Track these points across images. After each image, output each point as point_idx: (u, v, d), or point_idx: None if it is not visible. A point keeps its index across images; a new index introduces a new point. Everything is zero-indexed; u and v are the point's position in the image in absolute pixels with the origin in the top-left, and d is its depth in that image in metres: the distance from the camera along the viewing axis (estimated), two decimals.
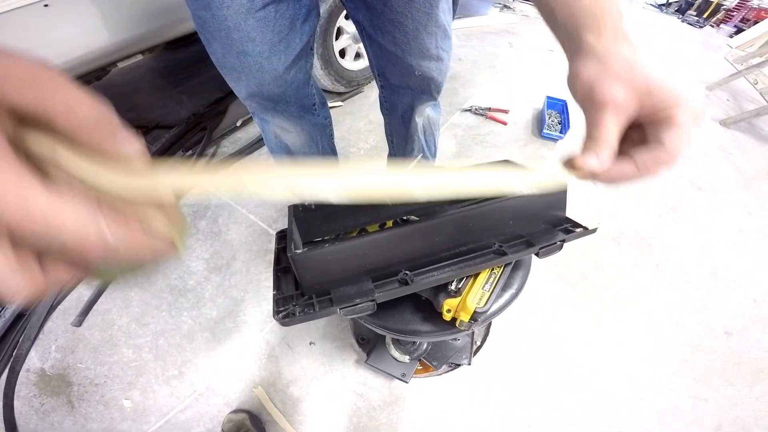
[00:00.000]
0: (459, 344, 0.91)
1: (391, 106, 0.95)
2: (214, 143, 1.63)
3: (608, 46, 0.32)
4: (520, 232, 0.43)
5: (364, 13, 0.71)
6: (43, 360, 0.98)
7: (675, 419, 0.94)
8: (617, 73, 0.31)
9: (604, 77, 0.31)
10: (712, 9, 4.01)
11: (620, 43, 0.32)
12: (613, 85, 0.30)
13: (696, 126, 0.30)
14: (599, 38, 0.32)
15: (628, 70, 0.31)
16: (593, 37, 0.32)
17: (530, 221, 0.40)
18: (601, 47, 0.32)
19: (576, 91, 0.34)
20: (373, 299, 0.34)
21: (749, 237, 1.41)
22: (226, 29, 0.60)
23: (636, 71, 0.30)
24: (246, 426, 0.86)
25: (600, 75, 0.31)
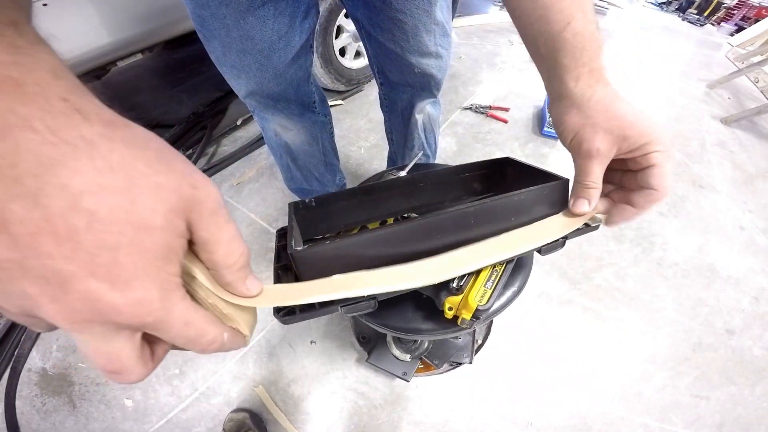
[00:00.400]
0: (460, 343, 0.91)
1: (391, 104, 0.95)
2: (214, 142, 1.63)
3: (586, 91, 0.36)
4: None
5: (363, 11, 0.71)
6: (44, 359, 0.98)
7: (676, 417, 0.94)
8: (598, 123, 0.35)
9: (588, 129, 0.36)
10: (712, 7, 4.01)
11: (596, 86, 0.36)
12: (596, 138, 0.35)
13: (670, 158, 0.36)
14: (577, 83, 0.36)
15: (607, 117, 0.35)
16: (572, 82, 0.37)
17: (532, 218, 0.40)
18: (579, 93, 0.36)
19: (563, 138, 0.39)
20: (374, 297, 0.33)
21: (751, 235, 1.41)
22: (226, 27, 0.59)
23: (613, 118, 0.35)
24: (247, 425, 0.86)
25: (584, 127, 0.36)
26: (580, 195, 0.38)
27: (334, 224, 0.49)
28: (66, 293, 0.15)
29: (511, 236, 0.39)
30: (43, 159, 0.14)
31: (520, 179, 0.38)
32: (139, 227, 0.16)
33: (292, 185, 1.09)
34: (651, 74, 2.51)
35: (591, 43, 0.36)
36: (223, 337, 0.22)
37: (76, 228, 0.14)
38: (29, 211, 0.14)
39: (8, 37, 0.15)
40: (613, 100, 0.36)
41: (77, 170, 0.14)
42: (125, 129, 0.17)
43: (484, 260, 0.36)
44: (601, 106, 0.35)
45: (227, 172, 1.49)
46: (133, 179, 0.16)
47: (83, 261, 0.15)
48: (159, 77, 2.10)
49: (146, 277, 0.16)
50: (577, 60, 0.36)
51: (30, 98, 0.14)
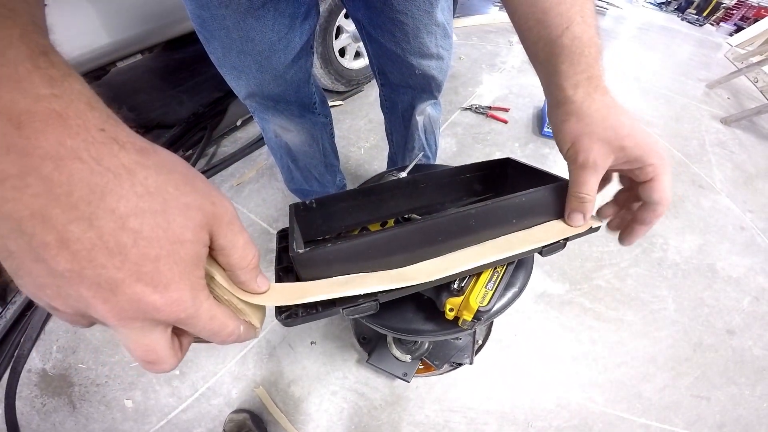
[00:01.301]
0: (461, 343, 0.91)
1: (392, 105, 0.95)
2: (214, 143, 1.63)
3: (585, 100, 0.36)
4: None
5: (364, 12, 0.71)
6: (44, 360, 0.98)
7: (677, 418, 0.94)
8: (595, 132, 0.35)
9: (585, 139, 0.35)
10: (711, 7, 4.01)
11: (595, 95, 0.36)
12: (593, 148, 0.35)
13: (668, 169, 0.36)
14: (576, 90, 0.36)
15: (604, 127, 0.35)
16: (571, 90, 0.36)
17: (533, 219, 0.40)
18: (578, 102, 0.36)
19: (560, 146, 0.39)
20: (375, 299, 0.33)
21: (751, 235, 1.41)
22: (226, 28, 0.59)
23: (610, 128, 0.35)
24: (247, 426, 0.85)
25: (581, 136, 0.36)
26: (574, 208, 0.38)
27: (334, 225, 0.49)
28: (116, 295, 0.18)
29: (512, 237, 0.39)
30: (93, 187, 0.17)
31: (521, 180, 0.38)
32: (174, 241, 0.19)
33: (292, 186, 1.09)
34: (650, 74, 2.51)
35: (590, 49, 0.35)
36: (239, 329, 0.25)
37: (125, 244, 0.18)
38: (85, 231, 0.17)
39: (43, 69, 0.17)
40: (611, 109, 0.35)
41: (122, 196, 0.17)
42: (155, 155, 0.20)
43: (484, 261, 0.37)
44: (599, 116, 0.35)
45: (227, 173, 1.49)
46: (167, 201, 0.19)
47: (130, 270, 0.18)
48: (159, 78, 2.10)
49: (180, 281, 0.20)
50: (576, 66, 0.36)
51: (74, 131, 0.16)
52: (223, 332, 0.24)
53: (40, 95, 0.16)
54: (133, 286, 0.18)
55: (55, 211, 0.16)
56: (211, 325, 0.22)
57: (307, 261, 0.32)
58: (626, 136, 0.34)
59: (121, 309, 0.18)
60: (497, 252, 0.37)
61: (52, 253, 0.16)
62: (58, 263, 0.17)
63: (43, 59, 0.17)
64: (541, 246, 0.38)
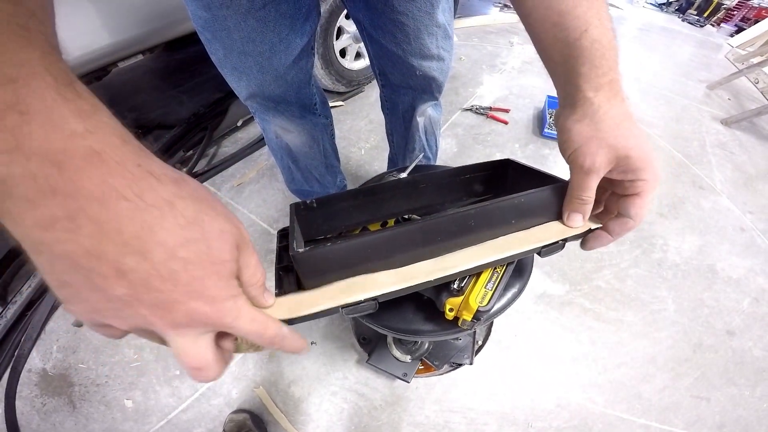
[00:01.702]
0: (460, 344, 0.91)
1: (392, 106, 0.95)
2: (215, 143, 1.63)
3: (604, 104, 0.35)
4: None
5: (365, 13, 0.71)
6: (44, 360, 0.98)
7: (677, 418, 0.94)
8: (605, 138, 0.34)
9: (593, 143, 0.35)
10: (712, 8, 4.01)
11: (614, 101, 0.35)
12: (600, 153, 0.35)
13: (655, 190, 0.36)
14: (597, 93, 0.35)
15: (615, 134, 0.34)
16: (592, 92, 0.35)
17: (533, 220, 0.40)
18: (597, 104, 0.35)
19: (565, 147, 0.38)
20: (375, 298, 0.34)
21: (751, 236, 1.41)
22: (227, 29, 0.60)
23: (621, 136, 0.34)
24: (247, 426, 0.86)
25: (590, 140, 0.35)
26: (575, 209, 0.38)
27: (335, 225, 0.49)
28: (171, 312, 0.21)
29: (511, 238, 0.39)
30: (141, 223, 0.18)
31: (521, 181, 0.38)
32: (215, 263, 0.21)
33: (292, 186, 1.09)
34: (651, 75, 2.51)
35: (610, 52, 0.35)
36: (282, 330, 0.27)
37: (176, 270, 0.19)
38: (140, 263, 0.18)
39: (71, 101, 0.17)
40: (625, 117, 0.35)
41: (167, 229, 0.19)
42: (186, 184, 0.21)
43: (484, 261, 0.37)
44: (612, 122, 0.35)
45: (228, 173, 1.49)
46: (205, 229, 0.21)
47: (183, 290, 0.20)
48: (160, 78, 2.10)
49: (223, 293, 0.22)
50: (597, 69, 0.35)
51: (113, 168, 0.17)
52: (267, 332, 0.26)
53: (74, 132, 0.16)
54: (187, 303, 0.21)
55: (108, 248, 0.17)
56: (254, 326, 0.25)
57: (307, 260, 0.32)
58: (633, 147, 0.34)
59: (175, 322, 0.21)
60: (497, 252, 0.37)
61: (110, 283, 0.18)
62: (116, 291, 0.19)
63: (69, 90, 0.17)
64: (540, 246, 0.39)
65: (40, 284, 1.06)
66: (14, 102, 0.15)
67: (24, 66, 0.16)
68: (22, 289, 1.06)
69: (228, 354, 0.27)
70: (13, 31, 0.17)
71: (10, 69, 0.16)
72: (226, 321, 0.23)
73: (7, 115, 0.15)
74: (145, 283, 0.19)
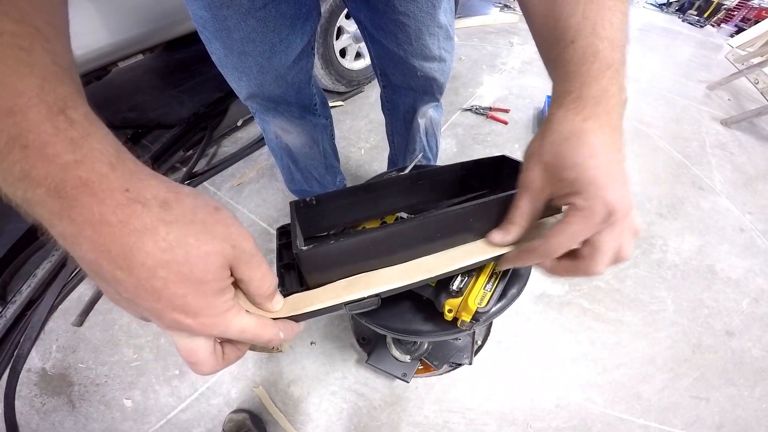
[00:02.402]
0: (460, 344, 0.91)
1: (393, 107, 0.95)
2: (215, 143, 1.63)
3: (558, 119, 0.31)
4: None
5: (366, 13, 0.71)
6: (44, 360, 0.98)
7: (676, 419, 0.94)
8: (543, 156, 0.31)
9: (534, 159, 0.32)
10: (712, 8, 4.01)
11: (576, 117, 0.30)
12: (533, 170, 0.32)
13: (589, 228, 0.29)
14: (557, 110, 0.31)
15: (555, 152, 0.30)
16: (554, 108, 0.32)
17: None
18: (553, 121, 0.31)
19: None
20: (377, 295, 0.34)
21: (750, 236, 1.41)
22: (227, 29, 0.60)
23: (559, 154, 0.30)
24: (247, 426, 0.86)
25: (531, 157, 0.32)
26: (501, 226, 0.36)
27: (334, 222, 0.50)
28: (160, 318, 0.23)
29: None
30: (124, 246, 0.20)
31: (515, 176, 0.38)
32: (197, 282, 0.22)
33: (292, 187, 1.09)
34: (651, 75, 2.51)
35: (591, 65, 0.30)
36: (278, 335, 0.29)
37: (158, 287, 0.21)
38: (128, 277, 0.21)
39: (63, 131, 0.18)
40: (582, 135, 0.29)
41: (148, 252, 0.20)
42: (178, 206, 0.22)
43: (485, 257, 0.38)
44: (558, 137, 0.30)
45: (228, 173, 1.49)
46: (189, 252, 0.22)
47: (166, 303, 0.22)
48: (160, 78, 2.10)
49: (207, 309, 0.24)
50: (567, 84, 0.31)
51: (100, 197, 0.19)
52: (261, 339, 0.28)
53: (66, 164, 0.18)
54: (170, 313, 0.23)
55: (103, 263, 0.20)
56: (244, 335, 0.27)
57: (310, 258, 0.32)
58: (570, 168, 0.29)
59: (168, 326, 0.24)
60: (496, 247, 0.38)
61: (114, 286, 0.22)
62: (120, 293, 0.22)
63: (62, 119, 0.18)
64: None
65: (39, 284, 1.07)
66: (17, 135, 0.17)
67: (21, 96, 0.18)
68: (22, 288, 1.06)
69: (233, 354, 0.29)
70: (15, 55, 0.18)
71: (9, 100, 0.17)
72: (214, 332, 0.25)
73: (13, 149, 0.17)
74: (134, 293, 0.22)
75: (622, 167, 0.30)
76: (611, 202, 0.28)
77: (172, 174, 1.46)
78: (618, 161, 0.30)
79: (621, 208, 0.28)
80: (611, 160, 0.29)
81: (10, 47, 0.18)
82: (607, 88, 0.30)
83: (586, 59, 0.30)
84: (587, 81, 0.30)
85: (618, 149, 0.30)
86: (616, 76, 0.30)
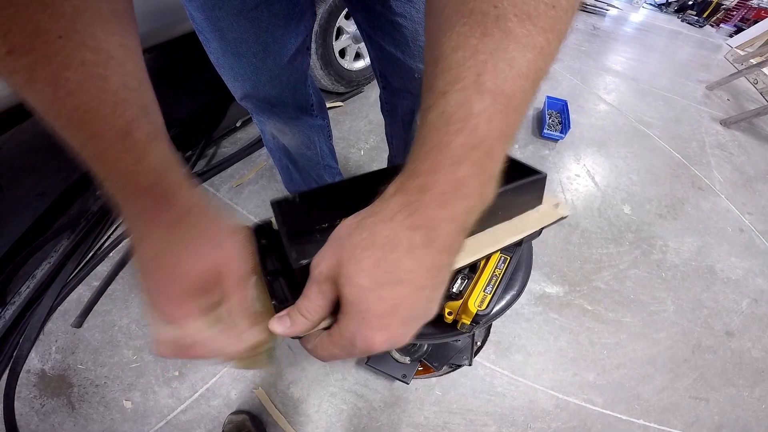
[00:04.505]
0: (459, 345, 0.91)
1: (392, 108, 0.95)
2: (214, 143, 1.63)
3: (379, 210, 0.24)
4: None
5: (363, 15, 0.70)
6: (43, 361, 0.98)
7: (676, 419, 0.94)
8: (344, 250, 0.24)
9: (330, 246, 0.26)
10: (711, 8, 4.01)
11: (390, 201, 0.23)
12: (324, 259, 0.25)
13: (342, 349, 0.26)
14: (391, 195, 0.24)
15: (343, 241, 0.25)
16: (390, 187, 0.24)
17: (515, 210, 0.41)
18: (373, 206, 0.25)
19: None
20: None
21: (750, 237, 1.41)
22: (220, 30, 0.59)
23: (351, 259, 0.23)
24: (247, 427, 0.86)
25: (330, 242, 0.26)
26: (288, 311, 0.28)
27: (320, 219, 0.47)
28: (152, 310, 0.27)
29: (498, 230, 0.40)
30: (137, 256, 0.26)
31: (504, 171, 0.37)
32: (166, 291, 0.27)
33: (291, 188, 1.09)
34: (650, 76, 2.51)
35: (452, 140, 0.21)
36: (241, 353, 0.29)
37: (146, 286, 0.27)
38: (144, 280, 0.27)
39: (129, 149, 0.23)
40: (390, 249, 0.22)
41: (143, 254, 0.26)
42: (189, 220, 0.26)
43: (479, 255, 0.38)
44: (367, 241, 0.23)
45: (227, 174, 1.49)
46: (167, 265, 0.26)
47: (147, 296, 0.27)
48: (158, 78, 2.10)
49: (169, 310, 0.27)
50: (416, 163, 0.22)
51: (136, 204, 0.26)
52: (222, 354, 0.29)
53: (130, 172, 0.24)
54: (154, 311, 0.27)
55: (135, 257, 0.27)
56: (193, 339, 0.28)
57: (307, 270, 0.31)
58: (354, 287, 0.23)
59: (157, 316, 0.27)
60: (490, 244, 0.39)
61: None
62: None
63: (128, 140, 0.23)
64: (525, 235, 0.40)
65: (38, 285, 1.06)
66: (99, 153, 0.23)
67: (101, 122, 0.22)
68: (21, 289, 1.06)
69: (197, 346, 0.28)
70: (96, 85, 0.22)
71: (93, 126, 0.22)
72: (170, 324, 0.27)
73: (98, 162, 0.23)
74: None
75: (417, 304, 0.24)
76: (362, 345, 0.24)
77: None
78: (417, 297, 0.24)
79: (368, 350, 0.24)
80: (406, 296, 0.23)
81: (92, 77, 0.21)
82: (464, 181, 0.21)
83: (450, 127, 0.21)
84: (438, 165, 0.21)
85: (431, 278, 0.23)
86: (487, 163, 0.22)
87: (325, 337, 0.27)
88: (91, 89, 0.21)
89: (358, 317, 0.23)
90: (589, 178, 1.58)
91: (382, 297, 0.23)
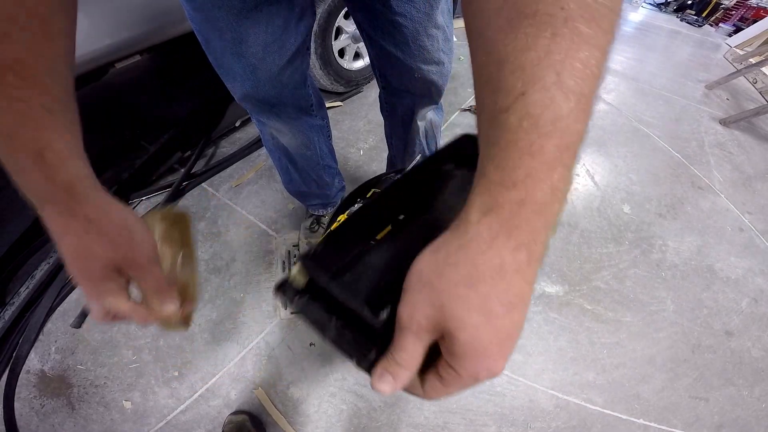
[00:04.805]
0: None
1: (391, 108, 0.95)
2: (213, 143, 1.63)
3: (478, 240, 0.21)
4: None
5: (363, 14, 0.70)
6: (43, 361, 0.98)
7: (675, 419, 0.94)
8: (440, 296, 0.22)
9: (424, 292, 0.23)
10: (710, 8, 4.01)
11: (499, 241, 0.20)
12: (422, 309, 0.22)
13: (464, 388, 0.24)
14: (482, 218, 0.21)
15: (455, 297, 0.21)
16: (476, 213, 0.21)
17: None
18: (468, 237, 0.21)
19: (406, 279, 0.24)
20: None
21: (749, 236, 1.41)
22: (219, 30, 0.59)
23: (460, 303, 0.21)
24: (246, 427, 0.85)
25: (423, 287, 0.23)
26: (385, 367, 0.24)
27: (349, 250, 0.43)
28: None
29: None
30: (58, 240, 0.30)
31: None
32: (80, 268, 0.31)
33: (291, 188, 1.09)
34: (649, 75, 2.51)
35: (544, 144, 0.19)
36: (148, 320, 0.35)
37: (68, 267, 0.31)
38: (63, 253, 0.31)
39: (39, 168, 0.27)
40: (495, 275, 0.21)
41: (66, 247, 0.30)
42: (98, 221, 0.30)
43: None
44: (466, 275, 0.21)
45: (226, 174, 1.49)
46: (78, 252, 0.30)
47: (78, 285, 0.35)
48: (157, 78, 2.09)
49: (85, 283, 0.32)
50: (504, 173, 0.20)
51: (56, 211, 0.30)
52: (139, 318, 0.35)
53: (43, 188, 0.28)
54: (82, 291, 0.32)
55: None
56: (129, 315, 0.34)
57: None
58: (465, 326, 0.21)
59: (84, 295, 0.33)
60: None
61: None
62: None
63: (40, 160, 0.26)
64: None
65: (37, 285, 1.06)
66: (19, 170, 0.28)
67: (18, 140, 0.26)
68: (20, 290, 1.06)
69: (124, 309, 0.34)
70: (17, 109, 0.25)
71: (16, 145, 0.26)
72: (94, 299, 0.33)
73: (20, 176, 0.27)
74: None
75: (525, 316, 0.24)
76: (486, 376, 0.23)
77: (171, 175, 1.46)
78: (525, 311, 0.23)
79: (491, 378, 0.23)
80: (519, 317, 0.23)
81: (14, 100, 0.24)
82: (558, 185, 0.20)
83: (540, 130, 0.19)
84: (535, 172, 0.20)
85: (532, 288, 0.23)
86: (573, 164, 0.21)
87: (437, 382, 0.24)
88: (14, 113, 0.24)
89: (476, 354, 0.22)
90: (588, 177, 1.58)
91: (498, 327, 0.22)
